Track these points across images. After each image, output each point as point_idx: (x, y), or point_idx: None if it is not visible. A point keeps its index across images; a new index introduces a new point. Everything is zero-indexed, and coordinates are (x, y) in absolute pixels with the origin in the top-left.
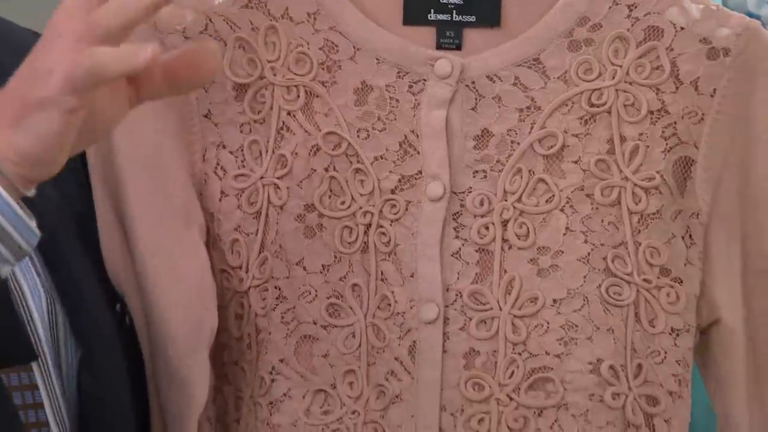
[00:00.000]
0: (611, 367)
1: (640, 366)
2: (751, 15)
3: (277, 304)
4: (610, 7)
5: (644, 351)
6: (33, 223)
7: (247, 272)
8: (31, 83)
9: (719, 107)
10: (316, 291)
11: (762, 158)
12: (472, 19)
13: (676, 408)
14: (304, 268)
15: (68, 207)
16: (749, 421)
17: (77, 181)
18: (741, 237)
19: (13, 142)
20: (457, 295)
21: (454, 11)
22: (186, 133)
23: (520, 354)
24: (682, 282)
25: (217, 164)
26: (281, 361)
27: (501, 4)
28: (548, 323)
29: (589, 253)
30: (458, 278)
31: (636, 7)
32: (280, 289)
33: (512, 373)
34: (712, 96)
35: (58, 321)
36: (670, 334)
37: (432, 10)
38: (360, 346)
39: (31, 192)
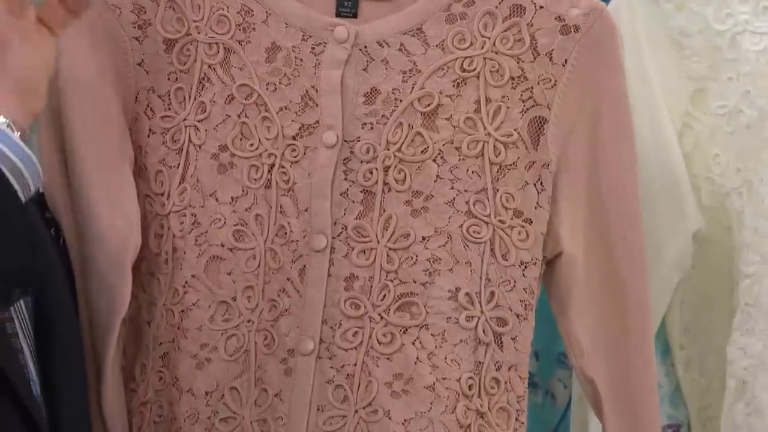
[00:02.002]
0: (467, 294)
1: (492, 293)
2: None
3: (192, 228)
4: None
5: (497, 280)
6: (38, 165)
7: (168, 199)
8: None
9: (569, 75)
10: (225, 219)
11: (606, 119)
12: None
13: (522, 328)
14: (216, 199)
15: None
16: (584, 333)
17: None
18: (584, 184)
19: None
20: (342, 228)
21: None
22: (122, 78)
23: (392, 281)
24: (531, 222)
25: (147, 106)
26: (193, 276)
27: None
28: (417, 256)
29: (454, 198)
30: (344, 214)
31: None
32: (195, 216)
33: (384, 296)
34: (563, 65)
35: None
36: (519, 266)
37: None
38: (259, 266)
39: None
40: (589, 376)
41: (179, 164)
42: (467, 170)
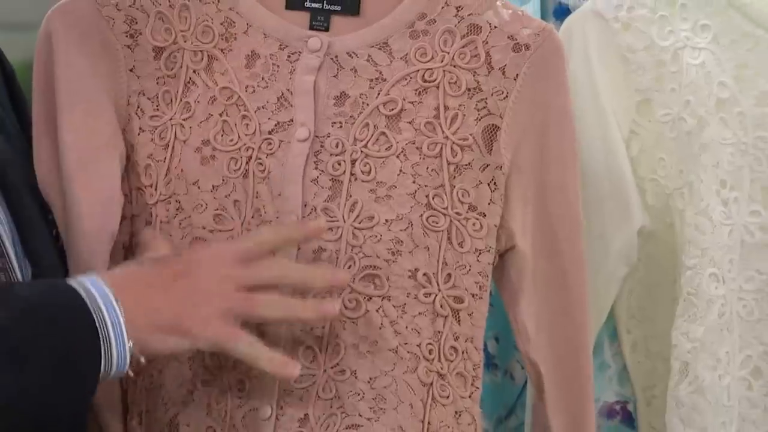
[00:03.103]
0: (425, 274)
1: (449, 275)
2: (561, 4)
3: (176, 214)
4: (442, 7)
5: (454, 264)
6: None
7: (155, 189)
8: (188, 315)
9: (520, 88)
10: (206, 204)
11: (552, 128)
12: (338, 8)
13: (477, 305)
14: (199, 187)
15: (12, 147)
16: (530, 320)
17: (15, 126)
18: (533, 185)
19: (145, 344)
20: (312, 209)
21: (325, 1)
22: (115, 81)
23: (357, 254)
24: (485, 215)
25: (138, 107)
26: None
27: None
28: (381, 235)
29: (416, 191)
30: (314, 197)
31: (462, 8)
32: (179, 202)
33: (350, 266)
34: (515, 79)
35: (15, 242)
36: (474, 252)
37: (308, 0)
38: None
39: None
40: (533, 360)
41: (165, 158)
42: (427, 168)
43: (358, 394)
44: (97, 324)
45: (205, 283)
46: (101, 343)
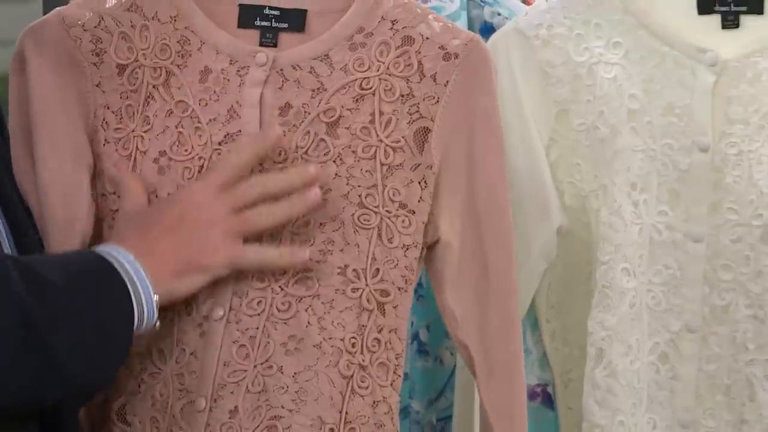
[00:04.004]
0: (354, 270)
1: (378, 270)
2: (486, 23)
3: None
4: (379, 21)
5: (382, 260)
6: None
7: (118, 196)
8: (198, 251)
9: (450, 94)
10: None
11: (479, 130)
12: (285, 26)
13: (402, 299)
14: (156, 196)
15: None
16: (458, 306)
17: (2, 138)
18: (462, 183)
19: (171, 290)
20: None
21: (273, 20)
22: (83, 96)
23: None
24: (414, 213)
25: (103, 120)
26: None
27: (306, 16)
28: (314, 238)
29: (348, 192)
30: None
31: (397, 22)
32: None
33: (285, 272)
34: (445, 86)
35: (9, 240)
36: (402, 248)
37: (258, 18)
38: None
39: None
40: (463, 342)
41: (128, 168)
42: (361, 169)
43: (282, 388)
44: (127, 284)
45: (203, 217)
46: (133, 300)
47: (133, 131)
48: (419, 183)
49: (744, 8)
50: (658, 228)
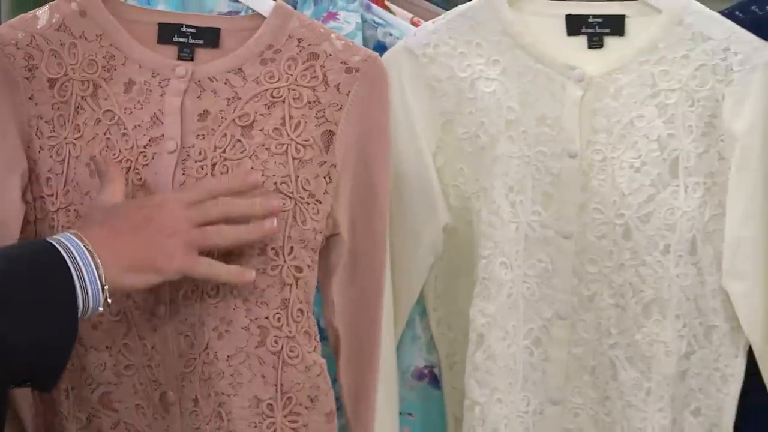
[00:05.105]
0: (273, 248)
1: (292, 248)
2: (379, 42)
3: (75, 220)
4: (286, 39)
5: (296, 239)
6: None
7: (56, 199)
8: (155, 254)
9: (351, 102)
10: None
11: (374, 136)
12: (201, 42)
13: (311, 275)
14: (90, 197)
15: None
16: (337, 295)
17: None
18: (355, 182)
19: (121, 281)
20: None
21: (190, 37)
22: (18, 108)
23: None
24: (321, 203)
25: (37, 129)
26: None
27: (220, 34)
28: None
29: (263, 181)
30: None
31: (303, 40)
32: (77, 210)
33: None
34: (347, 95)
35: None
36: (312, 231)
37: (176, 35)
38: None
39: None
40: (336, 327)
41: (63, 172)
42: (275, 162)
43: (220, 374)
44: (72, 271)
45: (167, 225)
46: (78, 287)
47: (65, 138)
48: (324, 178)
49: (607, 30)
50: (533, 226)
